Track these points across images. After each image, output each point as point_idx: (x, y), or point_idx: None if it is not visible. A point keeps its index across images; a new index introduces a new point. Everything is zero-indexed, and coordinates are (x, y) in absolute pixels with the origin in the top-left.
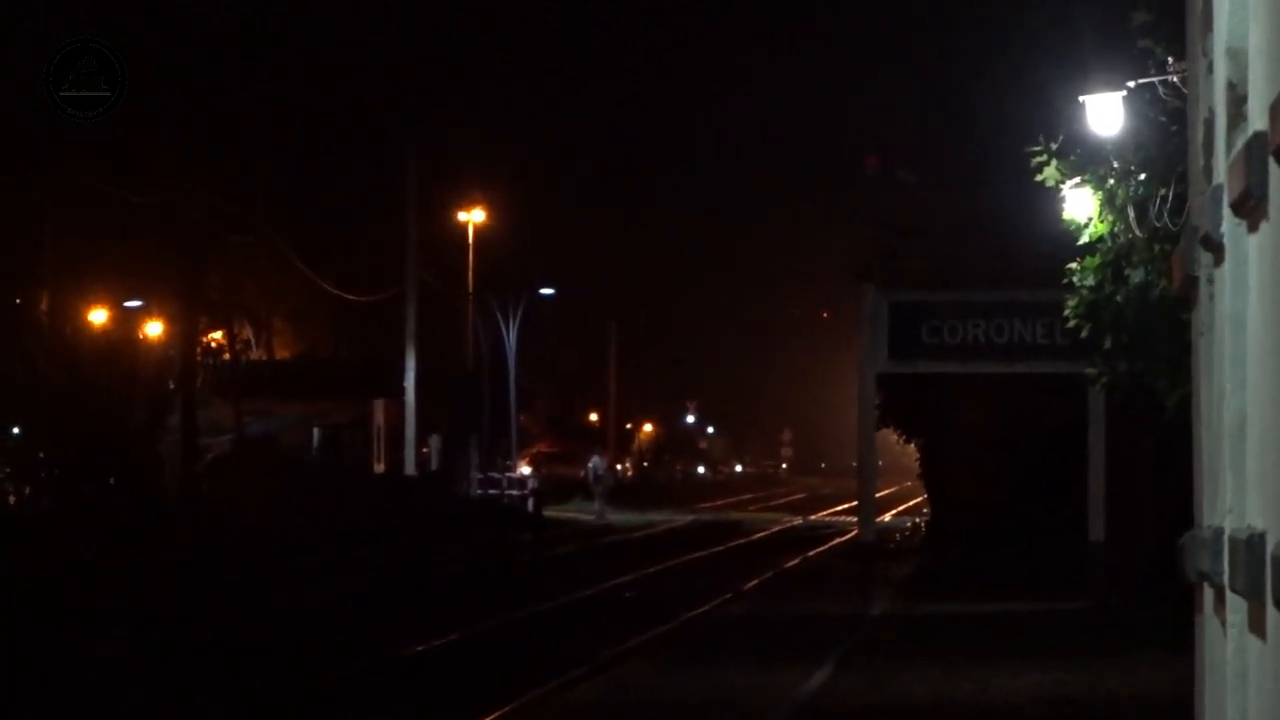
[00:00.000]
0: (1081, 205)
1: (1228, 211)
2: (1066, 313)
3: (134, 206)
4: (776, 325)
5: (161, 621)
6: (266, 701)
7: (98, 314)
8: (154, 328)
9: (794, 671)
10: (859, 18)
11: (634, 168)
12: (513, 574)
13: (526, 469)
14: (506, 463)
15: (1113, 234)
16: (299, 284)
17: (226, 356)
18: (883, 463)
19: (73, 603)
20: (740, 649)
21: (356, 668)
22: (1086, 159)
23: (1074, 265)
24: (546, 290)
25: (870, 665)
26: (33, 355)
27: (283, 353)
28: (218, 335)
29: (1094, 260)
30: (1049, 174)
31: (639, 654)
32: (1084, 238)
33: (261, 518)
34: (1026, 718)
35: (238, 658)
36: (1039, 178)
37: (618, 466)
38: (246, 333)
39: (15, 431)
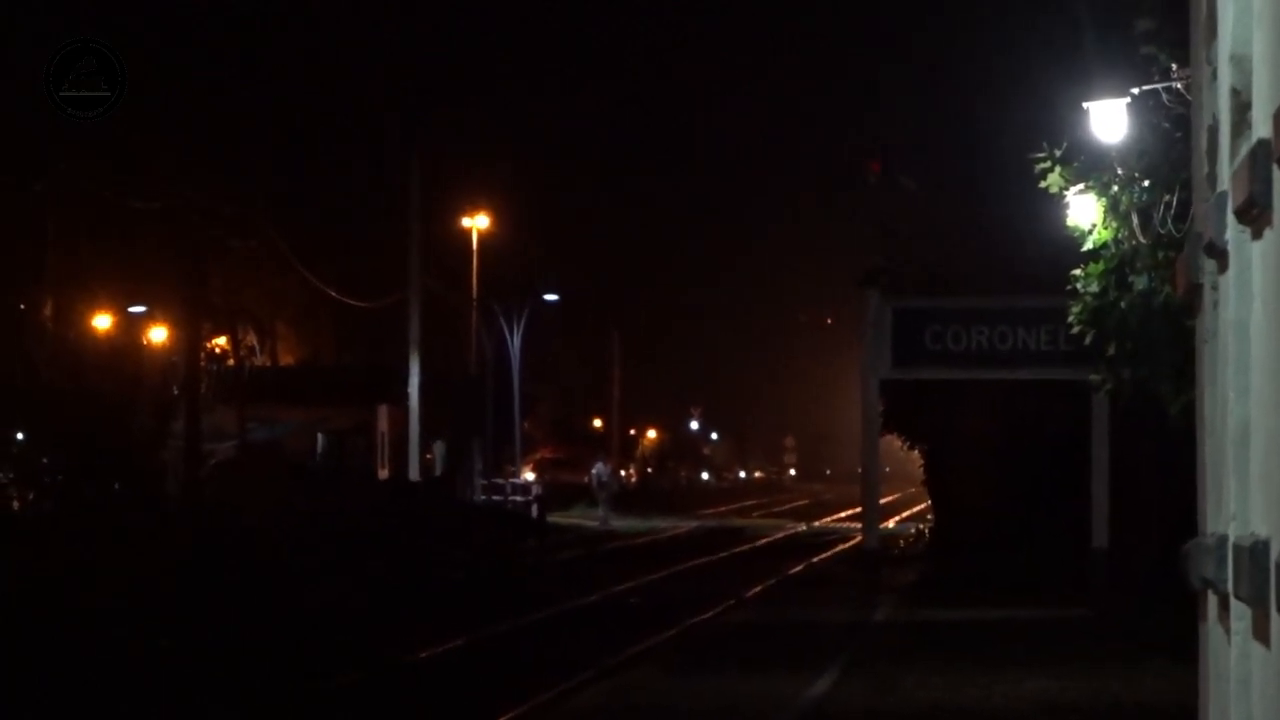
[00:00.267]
0: (1085, 211)
1: (1232, 218)
2: (1070, 319)
3: (135, 210)
4: (780, 330)
5: (163, 624)
6: (268, 706)
7: (101, 319)
8: (158, 333)
9: (798, 678)
10: (861, 22)
11: (635, 168)
12: (516, 579)
13: (530, 475)
14: (510, 468)
15: (1116, 240)
16: (302, 289)
17: (230, 362)
18: (889, 469)
19: (74, 605)
20: (744, 655)
21: (359, 673)
22: (1090, 165)
23: (1078, 271)
24: (550, 296)
25: (874, 672)
26: (36, 360)
27: (286, 358)
28: (221, 341)
29: (1098, 266)
30: (1053, 180)
31: (643, 660)
32: (1088, 244)
33: (264, 522)
34: None
35: (239, 662)
36: (1043, 184)
37: (621, 473)
38: (250, 338)
39: (19, 436)
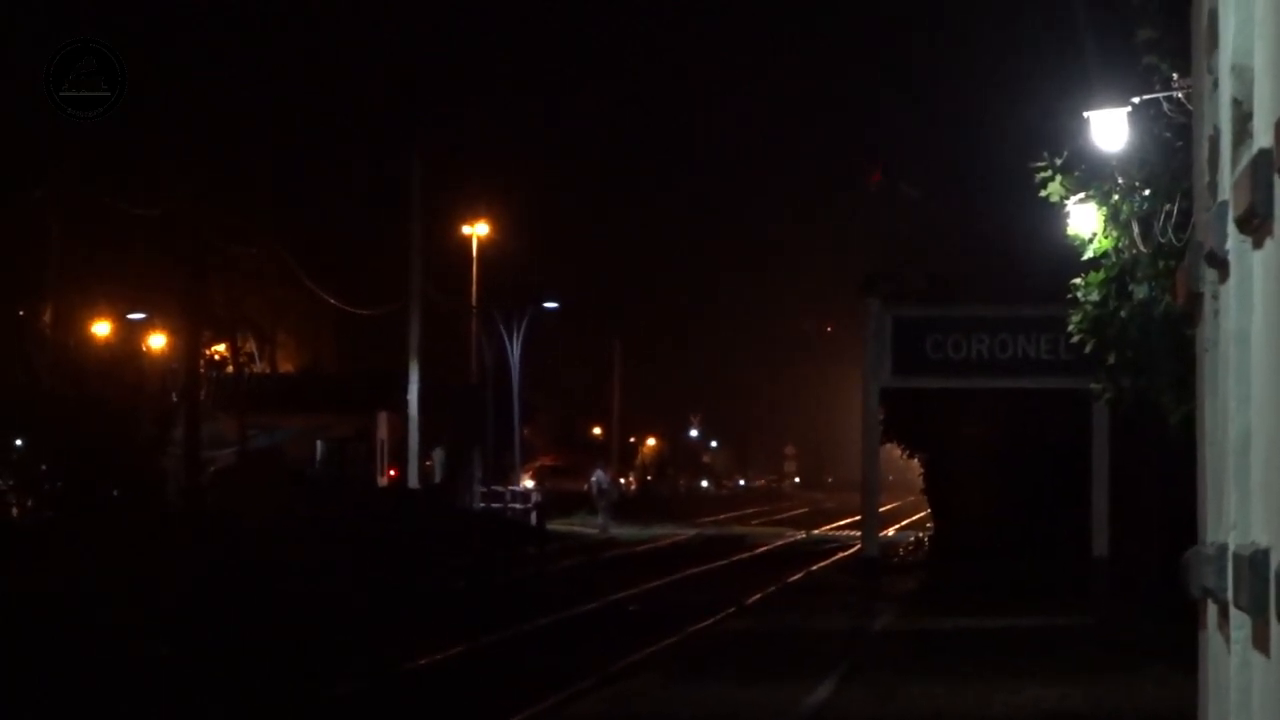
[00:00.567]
0: (1086, 221)
1: (1233, 228)
2: (1070, 328)
3: (135, 217)
4: (780, 338)
5: (163, 629)
6: (268, 711)
7: (101, 326)
8: (157, 340)
9: (798, 686)
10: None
11: (635, 169)
12: (515, 587)
13: (530, 482)
14: (510, 476)
15: (1117, 249)
16: (302, 297)
17: (230, 369)
18: (891, 478)
19: (74, 610)
20: (744, 663)
21: (359, 679)
22: (1091, 174)
23: (1078, 281)
24: (550, 304)
25: (874, 680)
26: (37, 367)
27: (286, 366)
28: (221, 348)
29: (1098, 276)
30: (1053, 189)
31: (643, 668)
32: (1088, 253)
33: (264, 529)
34: None
35: (239, 668)
36: (1043, 193)
37: (621, 480)
38: (250, 345)
39: (18, 443)
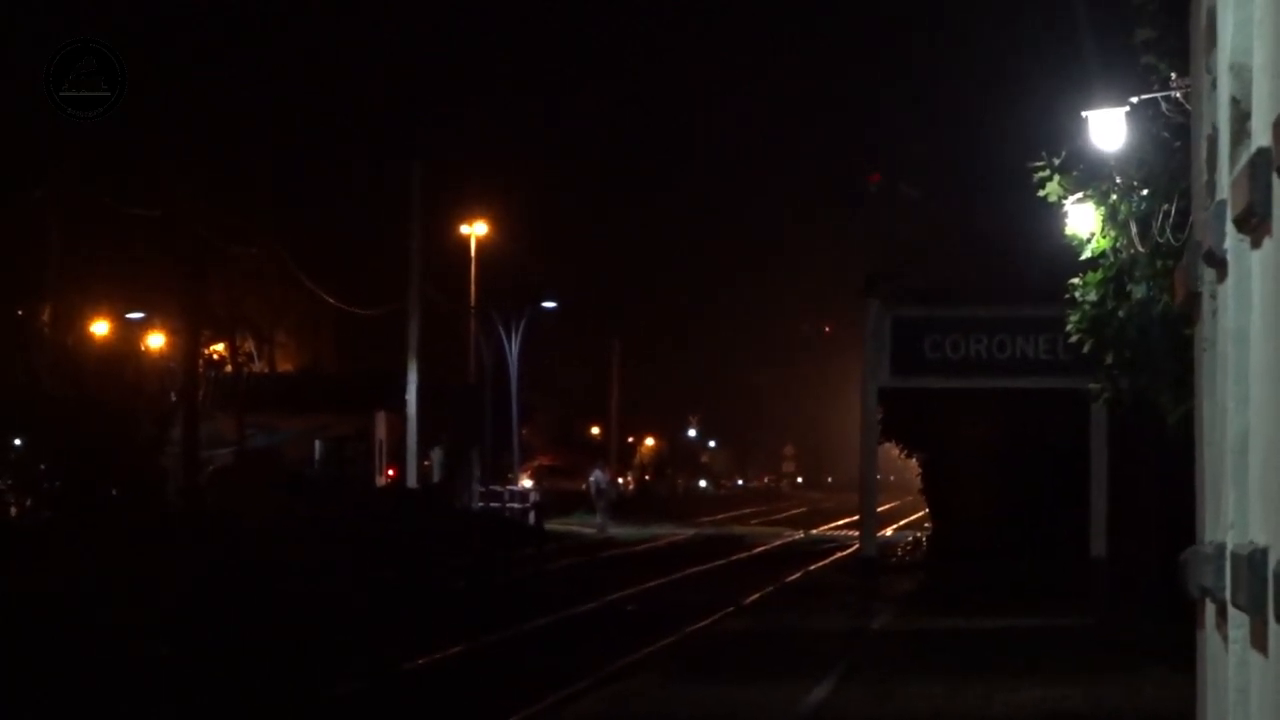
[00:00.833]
0: (1084, 220)
1: (1231, 227)
2: (1069, 328)
3: (135, 218)
4: (780, 337)
5: (162, 629)
6: (267, 711)
7: (99, 326)
8: (156, 340)
9: (796, 686)
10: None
11: (634, 169)
12: (514, 587)
13: (528, 482)
14: (508, 476)
15: (1115, 249)
16: (302, 297)
17: (229, 369)
18: (891, 478)
19: (73, 610)
20: (742, 663)
21: (359, 679)
22: (1089, 174)
23: (1076, 281)
24: (548, 304)
25: (872, 680)
26: (36, 367)
27: (285, 365)
28: (220, 348)
29: (1096, 276)
30: (1051, 189)
31: (641, 668)
32: (1086, 253)
33: (263, 529)
34: None
35: (238, 667)
36: (1041, 193)
37: (619, 480)
38: (249, 345)
39: (17, 443)
